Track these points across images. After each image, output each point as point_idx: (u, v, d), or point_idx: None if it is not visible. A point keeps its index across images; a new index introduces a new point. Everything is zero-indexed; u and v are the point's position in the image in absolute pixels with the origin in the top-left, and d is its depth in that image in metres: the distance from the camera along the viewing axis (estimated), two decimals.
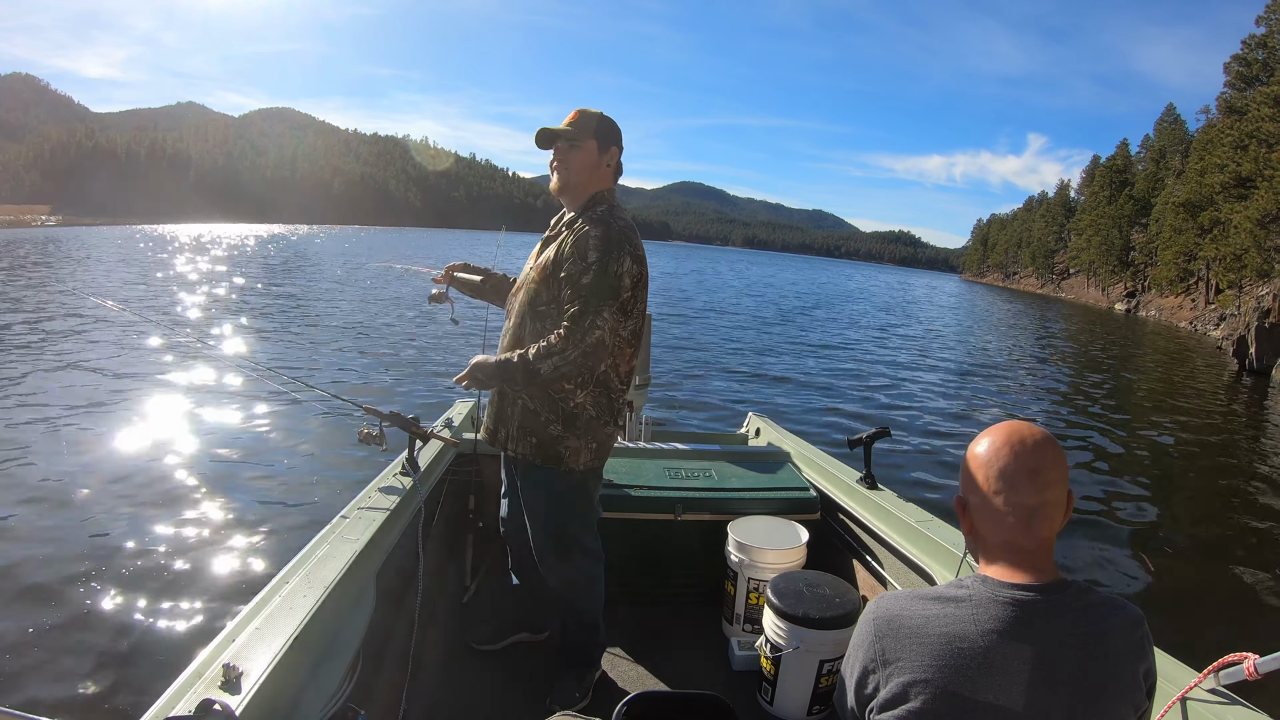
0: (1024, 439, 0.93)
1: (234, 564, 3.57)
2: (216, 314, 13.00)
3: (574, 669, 1.96)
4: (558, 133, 1.73)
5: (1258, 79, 35.23)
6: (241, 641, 1.19)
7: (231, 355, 8.11)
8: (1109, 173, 60.08)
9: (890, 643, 0.93)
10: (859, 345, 15.66)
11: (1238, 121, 33.23)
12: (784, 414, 7.66)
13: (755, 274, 55.70)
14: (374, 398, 7.07)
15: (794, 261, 74.73)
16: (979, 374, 13.38)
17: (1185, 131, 54.38)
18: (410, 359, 9.45)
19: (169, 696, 1.05)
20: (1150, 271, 47.16)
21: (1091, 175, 67.23)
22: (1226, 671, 1.15)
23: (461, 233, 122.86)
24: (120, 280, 17.52)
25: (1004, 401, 10.52)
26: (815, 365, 12.02)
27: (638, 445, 2.81)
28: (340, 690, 1.33)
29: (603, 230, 1.67)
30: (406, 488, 1.97)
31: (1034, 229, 79.41)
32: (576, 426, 1.74)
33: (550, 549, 1.85)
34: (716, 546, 2.31)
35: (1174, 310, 40.19)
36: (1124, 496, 6.10)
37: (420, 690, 1.87)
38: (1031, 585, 0.89)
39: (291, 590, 1.38)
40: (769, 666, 1.93)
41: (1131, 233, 53.08)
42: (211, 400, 6.70)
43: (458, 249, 51.37)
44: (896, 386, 10.61)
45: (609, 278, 1.64)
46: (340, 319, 13.03)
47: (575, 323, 1.61)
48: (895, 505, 2.20)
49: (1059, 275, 70.78)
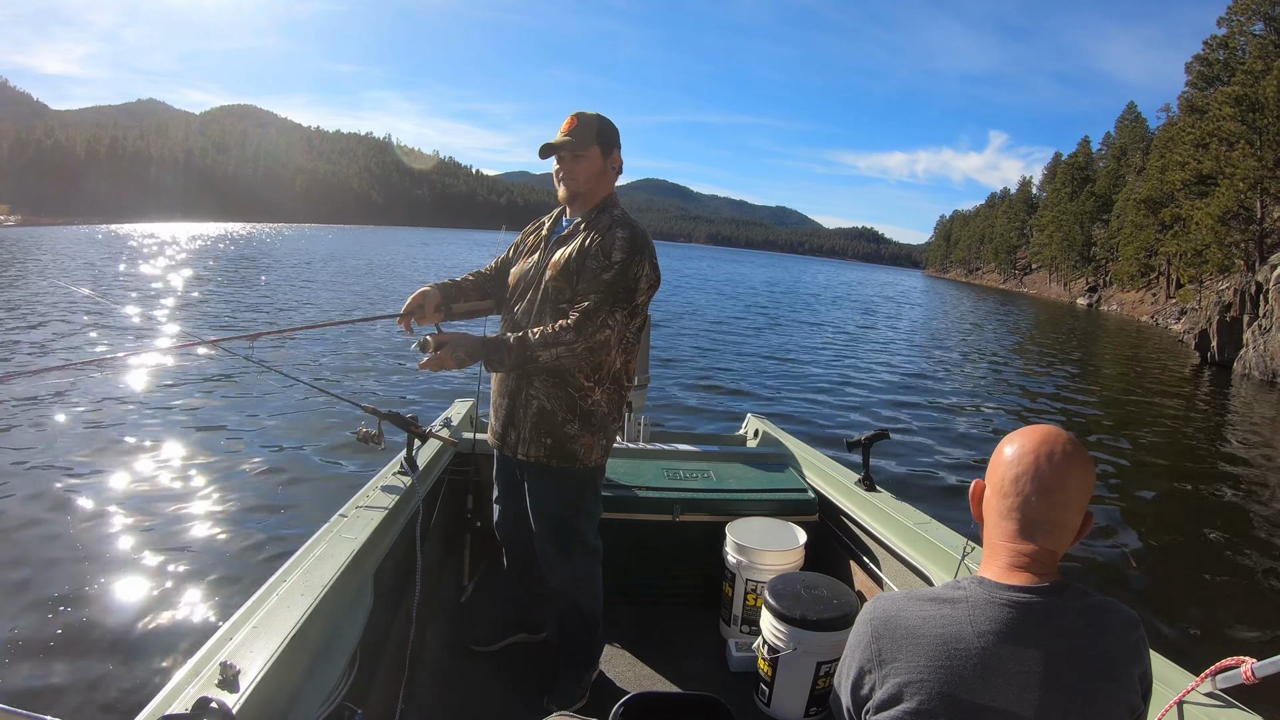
0: (1051, 452, 0.92)
1: (231, 562, 3.56)
2: (212, 313, 12.98)
3: (572, 669, 1.96)
4: (560, 145, 1.73)
5: (1219, 79, 35.85)
6: (239, 640, 1.19)
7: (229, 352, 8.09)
8: (1071, 170, 61.02)
9: (887, 643, 0.93)
10: (850, 345, 15.63)
11: (1199, 120, 33.73)
12: (783, 415, 7.66)
13: (725, 271, 55.74)
14: (372, 397, 7.08)
15: (760, 258, 73.41)
16: (968, 370, 13.47)
17: (1146, 129, 55.58)
18: (409, 358, 9.44)
19: (166, 694, 1.05)
20: (1111, 267, 48.01)
21: (1053, 172, 68.24)
22: (1224, 675, 1.15)
23: (426, 231, 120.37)
24: (96, 278, 17.40)
25: (996, 401, 10.51)
26: (812, 365, 12.02)
27: (637, 446, 2.81)
28: (337, 689, 1.33)
29: (630, 232, 1.70)
30: (405, 487, 1.97)
31: (996, 225, 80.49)
32: (592, 423, 1.76)
33: (555, 547, 1.85)
34: (714, 547, 2.31)
35: (1135, 305, 40.97)
36: (1100, 489, 6.09)
37: (418, 689, 1.87)
38: (1028, 587, 0.89)
39: (289, 589, 1.38)
40: (766, 668, 1.93)
41: (1093, 229, 53.88)
42: (208, 398, 6.68)
43: (430, 248, 50.38)
44: (894, 386, 10.62)
45: (628, 280, 1.67)
46: (339, 317, 13.02)
47: (587, 318, 1.63)
48: (893, 507, 2.20)
49: (1021, 271, 71.97)
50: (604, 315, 1.64)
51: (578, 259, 1.70)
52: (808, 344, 14.95)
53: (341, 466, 5.04)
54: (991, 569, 0.94)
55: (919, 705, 0.88)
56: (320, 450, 5.36)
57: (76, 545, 3.59)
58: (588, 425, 1.75)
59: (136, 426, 5.63)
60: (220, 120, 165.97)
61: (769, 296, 30.60)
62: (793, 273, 70.97)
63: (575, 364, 1.66)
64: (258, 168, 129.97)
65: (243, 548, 3.73)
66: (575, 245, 1.73)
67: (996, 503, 0.95)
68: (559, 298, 1.72)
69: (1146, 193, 39.60)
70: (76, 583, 3.25)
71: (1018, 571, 0.91)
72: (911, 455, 6.69)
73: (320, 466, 5.05)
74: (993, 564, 0.94)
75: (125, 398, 6.46)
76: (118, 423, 5.68)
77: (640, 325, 1.80)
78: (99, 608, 3.07)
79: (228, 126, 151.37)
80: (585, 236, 1.72)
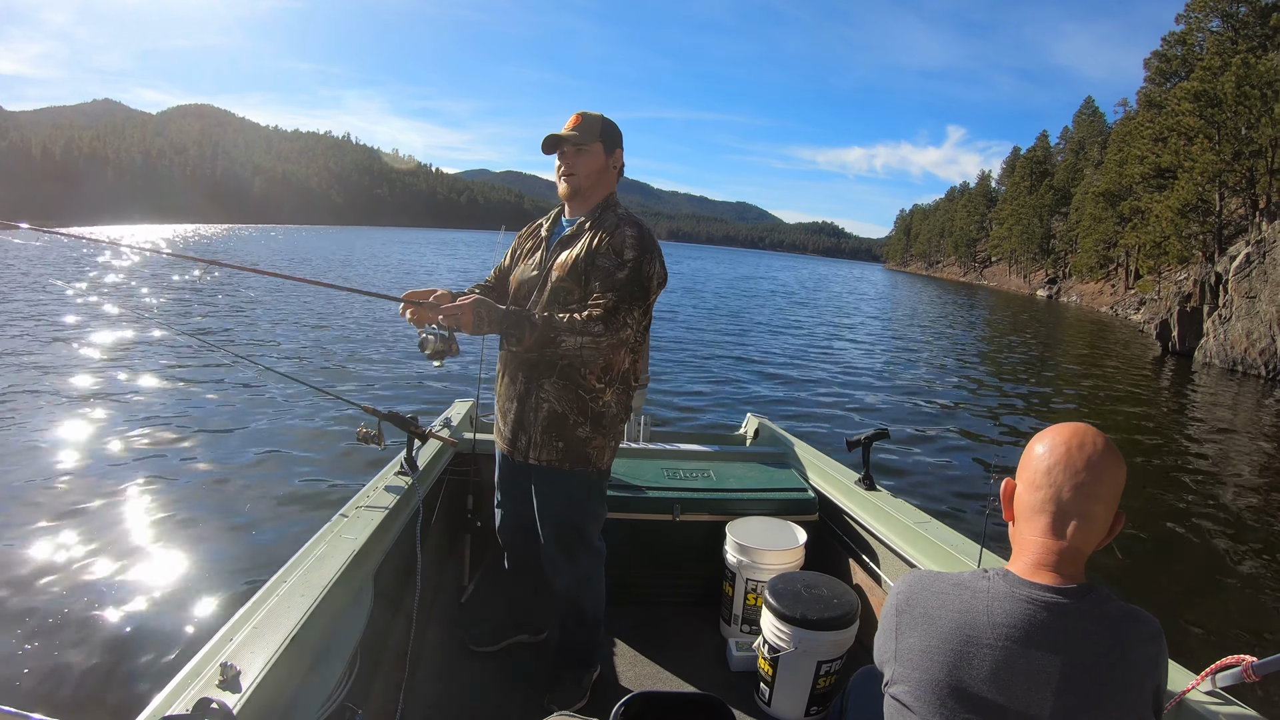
0: (1083, 444, 0.92)
1: (232, 563, 3.56)
2: (206, 313, 12.98)
3: (573, 669, 1.96)
4: (564, 138, 1.73)
5: (1177, 74, 37.02)
6: (239, 640, 1.19)
7: (229, 352, 8.09)
8: (1029, 163, 61.85)
9: (906, 619, 0.96)
10: (838, 344, 15.57)
11: (1158, 115, 34.54)
12: (782, 414, 7.66)
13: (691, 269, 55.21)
14: (372, 397, 7.08)
15: (721, 254, 71.64)
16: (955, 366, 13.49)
17: (1104, 124, 56.56)
18: (408, 358, 9.44)
19: (166, 695, 1.05)
20: (1070, 259, 48.96)
21: (1012, 166, 69.10)
22: (1224, 674, 1.15)
23: (384, 230, 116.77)
24: (78, 280, 17.32)
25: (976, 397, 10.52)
26: (810, 366, 12.01)
27: (637, 445, 2.81)
28: (338, 690, 1.33)
29: (638, 230, 1.70)
30: (405, 487, 1.97)
31: (956, 218, 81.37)
32: (603, 425, 1.75)
33: (560, 550, 1.85)
34: (715, 547, 2.31)
35: (1094, 295, 41.70)
36: None
37: (418, 690, 1.87)
38: (1052, 587, 0.89)
39: (289, 589, 1.38)
40: (766, 667, 1.93)
41: (1052, 221, 54.84)
42: (208, 398, 6.68)
43: (395, 248, 49.27)
44: (890, 386, 10.61)
45: (642, 278, 1.68)
46: (337, 317, 13.02)
47: (611, 315, 1.63)
48: (894, 506, 2.20)
49: (981, 263, 72.86)
50: (624, 315, 1.64)
51: (586, 259, 1.68)
52: (772, 344, 14.64)
53: (341, 467, 5.04)
54: (1018, 564, 0.94)
55: (923, 684, 0.90)
56: (320, 450, 5.36)
57: (77, 545, 3.58)
58: (599, 427, 1.75)
59: (136, 427, 5.63)
60: (177, 120, 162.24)
61: (733, 292, 30.37)
62: (759, 269, 70.49)
63: (594, 358, 1.65)
64: (215, 169, 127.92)
65: (243, 548, 3.73)
66: (583, 245, 1.71)
67: (1028, 497, 0.95)
68: (567, 299, 1.70)
69: (1105, 186, 40.58)
70: (77, 583, 3.25)
71: (1044, 570, 0.91)
72: (912, 455, 6.68)
73: (320, 467, 5.05)
74: (1020, 560, 0.94)
75: (125, 398, 6.46)
76: (118, 423, 5.68)
77: (648, 324, 1.79)
78: (100, 608, 3.07)
79: (185, 126, 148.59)
80: (593, 236, 1.71)
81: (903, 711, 0.93)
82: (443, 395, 7.01)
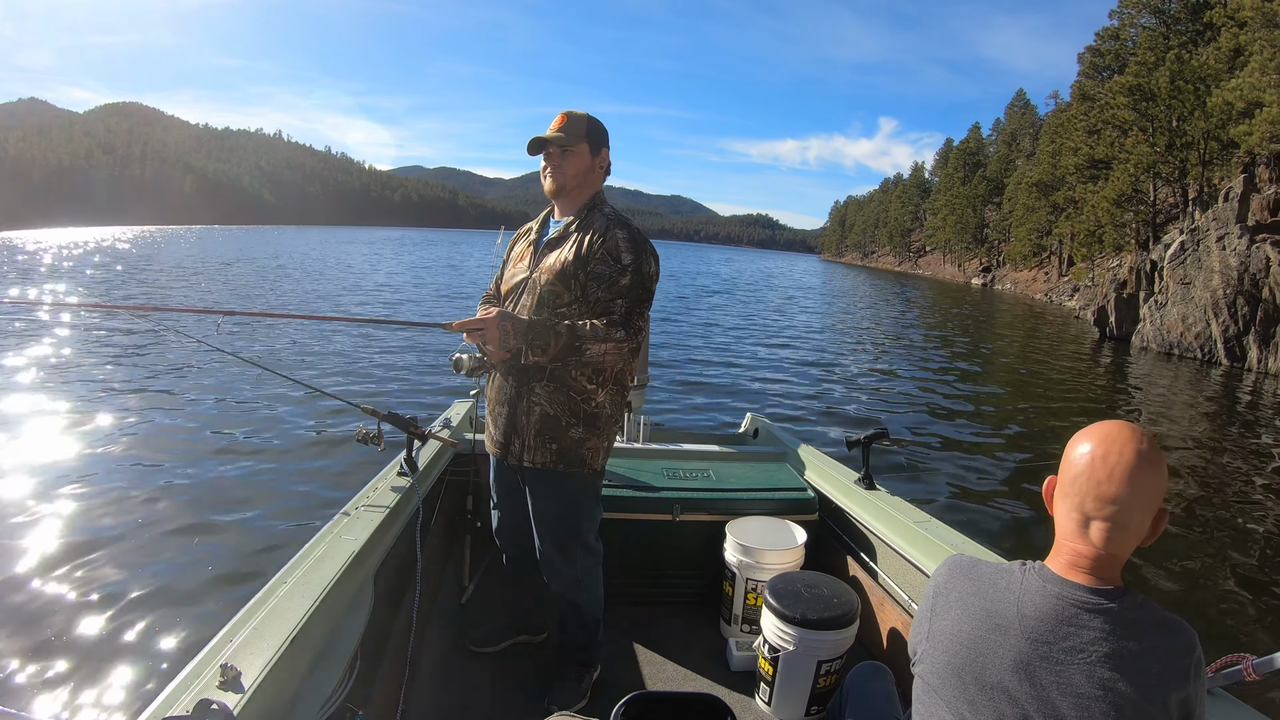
0: (1108, 453, 0.89)
1: (232, 564, 3.56)
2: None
3: (573, 669, 1.96)
4: (550, 139, 1.72)
5: (1110, 68, 38.30)
6: (239, 641, 1.19)
7: (230, 352, 8.08)
8: (962, 155, 63.04)
9: (942, 601, 0.99)
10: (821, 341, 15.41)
11: (1091, 108, 35.35)
12: (782, 414, 7.66)
13: None
14: (372, 398, 7.07)
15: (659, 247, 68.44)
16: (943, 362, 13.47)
17: (1035, 116, 58.26)
18: (408, 358, 9.44)
19: (167, 696, 1.05)
20: (1004, 247, 50.18)
21: (945, 157, 70.11)
22: (1225, 673, 1.15)
23: (320, 229, 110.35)
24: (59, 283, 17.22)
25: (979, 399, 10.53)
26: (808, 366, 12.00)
27: (637, 446, 2.81)
28: (338, 690, 1.33)
29: (628, 231, 1.71)
30: (405, 488, 1.97)
31: (890, 209, 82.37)
32: (597, 427, 1.75)
33: (557, 551, 1.85)
34: (715, 547, 2.31)
35: (1028, 283, 42.64)
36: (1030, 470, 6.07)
37: (418, 690, 1.87)
38: (1086, 586, 0.89)
39: (289, 590, 1.38)
40: (767, 667, 1.93)
41: (985, 211, 55.84)
42: (207, 398, 6.68)
43: (344, 247, 46.73)
44: (887, 385, 10.61)
45: (644, 279, 1.69)
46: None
47: (628, 320, 1.65)
48: (894, 506, 2.20)
49: (915, 253, 73.75)
50: (637, 319, 1.68)
51: (575, 263, 1.68)
52: (694, 336, 14.17)
53: (341, 467, 5.04)
54: (1055, 561, 0.95)
55: (949, 666, 0.92)
56: (320, 451, 5.35)
57: (77, 546, 3.58)
58: (593, 429, 1.75)
59: (136, 427, 5.63)
60: (105, 119, 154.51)
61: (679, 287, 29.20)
62: (697, 262, 69.04)
63: (613, 363, 1.68)
64: (145, 169, 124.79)
65: (243, 549, 3.72)
66: (570, 247, 1.71)
67: (1060, 501, 0.95)
68: (556, 302, 1.70)
69: (1038, 176, 41.61)
70: (78, 584, 3.25)
71: (1078, 569, 0.91)
72: (912, 454, 6.68)
73: (320, 467, 5.05)
74: (1056, 558, 0.95)
75: (123, 398, 6.45)
76: (117, 423, 5.68)
77: (646, 323, 1.80)
78: (100, 609, 3.07)
79: (113, 125, 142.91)
80: (580, 238, 1.71)
81: (928, 691, 0.96)
82: (442, 396, 7.01)
